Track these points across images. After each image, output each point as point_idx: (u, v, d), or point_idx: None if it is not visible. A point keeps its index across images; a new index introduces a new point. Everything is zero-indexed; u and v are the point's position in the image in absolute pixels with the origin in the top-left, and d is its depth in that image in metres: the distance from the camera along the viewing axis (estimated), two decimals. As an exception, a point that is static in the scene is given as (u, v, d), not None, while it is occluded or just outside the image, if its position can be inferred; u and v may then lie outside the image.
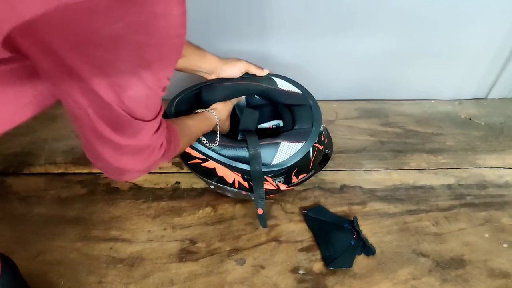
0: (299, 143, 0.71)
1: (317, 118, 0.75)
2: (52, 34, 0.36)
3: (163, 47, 0.42)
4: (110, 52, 0.39)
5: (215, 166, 0.71)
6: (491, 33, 1.05)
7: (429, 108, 1.15)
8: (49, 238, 0.74)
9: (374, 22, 1.01)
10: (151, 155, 0.52)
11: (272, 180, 0.73)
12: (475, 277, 0.70)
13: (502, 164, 0.96)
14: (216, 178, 0.74)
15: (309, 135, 0.72)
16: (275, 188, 0.74)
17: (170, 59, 0.46)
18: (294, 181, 0.76)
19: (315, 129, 0.73)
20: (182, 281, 0.68)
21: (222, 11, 0.97)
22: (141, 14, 0.38)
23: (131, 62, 0.41)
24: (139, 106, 0.46)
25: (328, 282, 0.69)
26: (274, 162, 0.70)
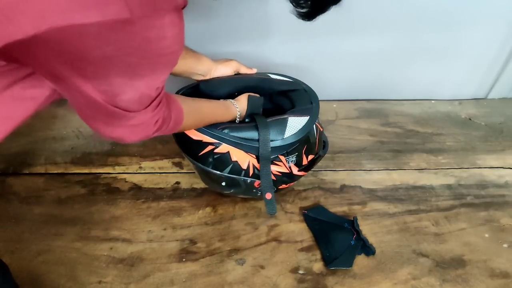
0: (305, 117, 0.73)
1: (314, 98, 0.78)
2: (45, 51, 0.37)
3: (156, 64, 0.43)
4: (102, 69, 0.40)
5: (229, 149, 0.70)
6: (491, 33, 1.05)
7: (429, 108, 1.15)
8: (49, 238, 0.74)
9: (374, 22, 1.01)
10: (144, 130, 0.53)
11: (286, 160, 0.73)
12: (475, 277, 0.70)
13: (502, 164, 0.96)
14: (230, 166, 0.72)
15: (312, 111, 0.74)
16: (288, 171, 0.74)
17: (164, 71, 0.47)
18: (304, 163, 0.76)
19: (315, 106, 0.76)
20: (182, 281, 0.68)
21: (223, 12, 0.97)
22: (133, 40, 0.38)
23: (123, 77, 0.42)
24: (133, 105, 0.47)
25: (328, 282, 0.69)
26: (286, 135, 0.70)
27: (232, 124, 0.72)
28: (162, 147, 0.96)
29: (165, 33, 0.40)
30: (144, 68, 0.43)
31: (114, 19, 0.36)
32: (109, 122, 0.49)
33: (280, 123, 0.71)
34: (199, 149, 0.71)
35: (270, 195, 0.73)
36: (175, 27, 0.42)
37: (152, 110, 0.51)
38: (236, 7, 0.95)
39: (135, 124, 0.51)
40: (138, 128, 0.52)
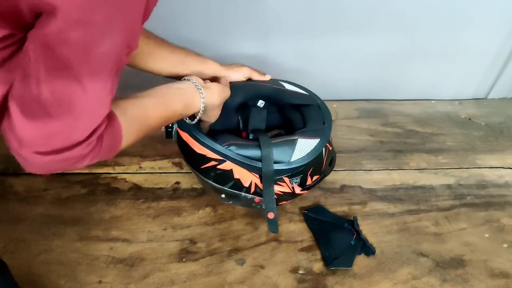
0: (315, 139, 0.70)
1: (328, 117, 0.75)
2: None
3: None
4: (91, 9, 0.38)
5: (233, 167, 0.68)
6: (491, 33, 1.05)
7: (429, 108, 1.15)
8: (49, 238, 0.74)
9: (374, 22, 1.01)
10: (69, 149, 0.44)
11: (289, 181, 0.71)
12: (475, 277, 0.70)
13: (502, 164, 0.96)
14: (231, 182, 0.70)
15: (324, 132, 0.72)
16: (291, 191, 0.72)
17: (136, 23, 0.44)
18: (309, 183, 0.74)
19: (327, 127, 0.73)
20: (182, 281, 0.68)
21: (223, 12, 0.97)
22: None
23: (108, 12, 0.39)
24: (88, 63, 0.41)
25: (328, 282, 0.69)
26: (293, 159, 0.68)
27: (238, 141, 0.69)
28: (162, 147, 0.96)
29: None
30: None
31: None
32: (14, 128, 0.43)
33: (289, 144, 0.68)
34: (202, 162, 0.69)
35: (273, 214, 0.71)
36: None
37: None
38: (236, 7, 0.95)
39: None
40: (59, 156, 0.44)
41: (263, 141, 0.68)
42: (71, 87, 0.41)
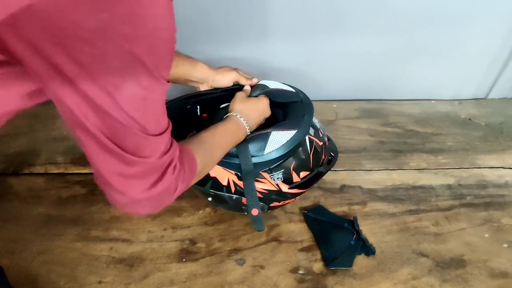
0: (291, 131, 0.68)
1: (309, 110, 0.73)
2: (37, 29, 0.34)
3: (152, 38, 0.40)
4: (97, 47, 0.37)
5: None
6: (491, 33, 1.05)
7: (429, 108, 1.15)
8: (49, 238, 0.74)
9: (374, 22, 1.01)
10: (161, 179, 0.48)
11: (270, 177, 0.69)
12: (475, 277, 0.70)
13: (502, 164, 0.96)
14: (210, 182, 0.70)
15: (301, 124, 0.69)
16: (276, 188, 0.70)
17: (162, 55, 0.43)
18: (296, 180, 0.71)
19: (306, 118, 0.71)
20: (182, 281, 0.68)
21: (222, 13, 0.97)
22: (125, 2, 0.36)
23: (121, 57, 0.39)
24: (137, 110, 0.43)
25: (328, 282, 0.69)
26: (266, 151, 0.66)
27: None
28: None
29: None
30: (141, 45, 0.39)
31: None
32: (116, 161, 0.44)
33: (261, 138, 0.67)
34: None
35: (257, 211, 0.69)
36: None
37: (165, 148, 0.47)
38: (235, 7, 0.95)
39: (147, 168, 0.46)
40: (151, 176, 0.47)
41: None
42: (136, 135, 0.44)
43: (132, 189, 0.47)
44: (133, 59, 0.39)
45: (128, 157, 0.44)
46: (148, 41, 0.40)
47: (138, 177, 0.47)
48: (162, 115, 0.47)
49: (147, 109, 0.44)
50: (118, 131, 0.42)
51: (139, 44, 0.39)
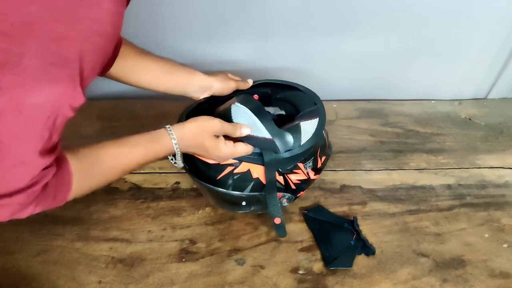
0: (315, 119, 0.69)
1: (316, 98, 0.75)
2: None
3: (85, 43, 0.36)
4: (17, 44, 0.32)
5: (249, 167, 0.66)
6: (491, 33, 1.05)
7: (429, 108, 1.15)
8: (49, 238, 0.74)
9: (374, 22, 1.01)
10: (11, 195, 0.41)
11: (304, 167, 0.70)
12: (475, 277, 0.70)
13: (502, 164, 0.96)
14: (251, 184, 0.68)
15: (319, 111, 0.71)
16: (306, 177, 0.71)
17: (90, 63, 0.38)
18: (319, 165, 0.74)
19: (320, 106, 0.73)
20: (182, 281, 0.68)
21: (223, 12, 0.97)
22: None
23: (42, 59, 0.34)
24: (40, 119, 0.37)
25: (328, 282, 0.69)
26: (303, 141, 0.67)
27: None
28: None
29: (101, 0, 0.35)
30: (70, 47, 0.35)
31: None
32: None
33: (294, 130, 0.68)
34: (217, 173, 0.67)
35: (279, 220, 0.70)
36: (114, 3, 0.36)
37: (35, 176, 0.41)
38: (235, 7, 0.95)
39: None
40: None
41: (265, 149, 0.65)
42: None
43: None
44: (57, 61, 0.35)
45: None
46: (79, 45, 0.36)
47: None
48: (59, 131, 0.41)
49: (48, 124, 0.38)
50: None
51: (68, 46, 0.35)
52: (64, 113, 0.39)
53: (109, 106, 1.07)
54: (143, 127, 0.61)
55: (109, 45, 0.39)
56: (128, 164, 0.56)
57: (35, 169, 0.41)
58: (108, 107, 1.06)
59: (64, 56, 0.35)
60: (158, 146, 0.58)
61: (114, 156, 0.54)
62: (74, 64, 0.36)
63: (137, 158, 0.56)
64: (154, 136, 0.58)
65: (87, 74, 0.38)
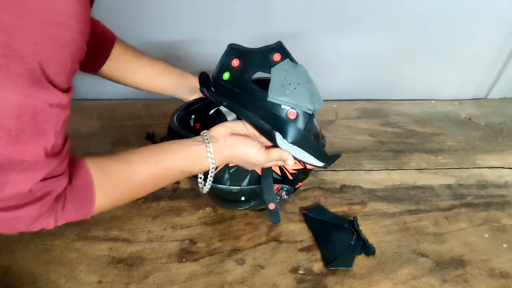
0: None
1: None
2: None
3: (40, 35, 0.34)
4: None
5: None
6: (491, 33, 1.05)
7: (429, 108, 1.15)
8: (49, 238, 0.74)
9: (374, 22, 1.01)
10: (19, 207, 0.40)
11: None
12: (475, 277, 0.70)
13: (502, 164, 0.96)
14: (248, 176, 0.67)
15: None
16: (302, 166, 0.70)
17: (53, 57, 0.36)
18: None
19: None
20: (182, 281, 0.68)
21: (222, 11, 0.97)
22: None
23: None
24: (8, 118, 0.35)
25: (328, 282, 0.69)
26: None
27: None
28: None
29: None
30: (22, 40, 0.32)
31: None
32: None
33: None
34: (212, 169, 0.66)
35: (273, 205, 0.69)
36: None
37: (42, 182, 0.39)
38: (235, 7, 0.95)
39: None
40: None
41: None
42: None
43: None
44: (10, 54, 0.33)
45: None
46: (34, 36, 0.33)
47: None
48: (52, 133, 0.39)
49: (22, 119, 0.36)
50: None
51: (21, 38, 0.33)
52: (43, 109, 0.37)
53: (109, 106, 1.07)
54: (143, 127, 0.61)
55: (76, 37, 0.37)
56: (159, 182, 0.53)
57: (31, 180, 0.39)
58: (108, 107, 1.06)
59: (17, 49, 0.33)
60: (195, 168, 0.56)
61: (145, 174, 0.50)
62: (32, 58, 0.34)
63: (170, 177, 0.54)
64: (192, 157, 0.54)
65: (55, 69, 0.36)
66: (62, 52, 0.36)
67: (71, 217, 0.45)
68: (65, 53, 0.37)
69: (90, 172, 0.46)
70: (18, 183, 0.38)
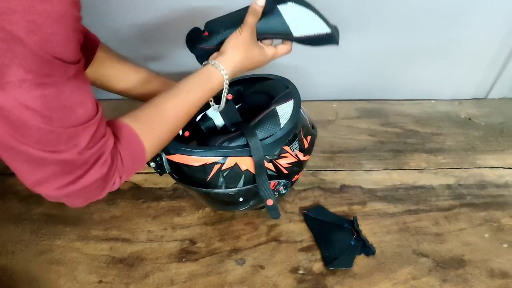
0: (289, 101, 0.70)
1: (288, 82, 0.75)
2: None
3: (30, 13, 0.34)
4: None
5: (236, 160, 0.66)
6: (491, 32, 1.05)
7: (429, 108, 1.15)
8: (49, 238, 0.75)
9: (374, 22, 1.01)
10: (82, 176, 0.44)
11: (290, 149, 0.70)
12: (475, 277, 0.70)
13: (502, 164, 0.96)
14: (242, 176, 0.68)
15: (292, 94, 0.71)
16: (296, 159, 0.71)
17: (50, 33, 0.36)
18: (306, 146, 0.73)
19: (292, 87, 0.73)
20: (182, 281, 0.68)
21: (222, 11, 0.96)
22: None
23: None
24: (33, 99, 0.37)
25: (328, 282, 0.69)
26: (282, 124, 0.67)
27: (225, 136, 0.67)
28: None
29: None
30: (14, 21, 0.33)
31: None
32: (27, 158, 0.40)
33: (272, 115, 0.68)
34: (205, 174, 0.66)
35: (271, 201, 0.70)
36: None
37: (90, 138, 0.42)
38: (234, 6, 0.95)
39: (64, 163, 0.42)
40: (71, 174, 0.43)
41: (247, 132, 0.66)
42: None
43: (46, 188, 0.43)
44: (7, 38, 0.34)
45: (35, 154, 0.40)
46: (25, 16, 0.34)
47: (54, 174, 0.42)
48: (79, 103, 0.41)
49: (46, 98, 0.38)
50: (15, 125, 0.38)
51: (13, 19, 0.33)
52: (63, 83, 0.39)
53: (109, 106, 1.06)
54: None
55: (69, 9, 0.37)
56: (189, 109, 0.57)
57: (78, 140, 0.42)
58: (108, 107, 1.06)
59: (12, 32, 0.34)
60: (211, 84, 0.59)
61: (173, 108, 0.55)
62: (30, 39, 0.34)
63: (195, 101, 0.58)
64: (204, 76, 0.59)
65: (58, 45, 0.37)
66: (61, 27, 0.37)
67: (131, 170, 0.49)
68: (64, 27, 0.37)
69: (130, 125, 0.50)
70: (68, 153, 0.41)
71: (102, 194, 0.48)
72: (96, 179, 0.45)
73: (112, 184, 0.48)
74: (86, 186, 0.44)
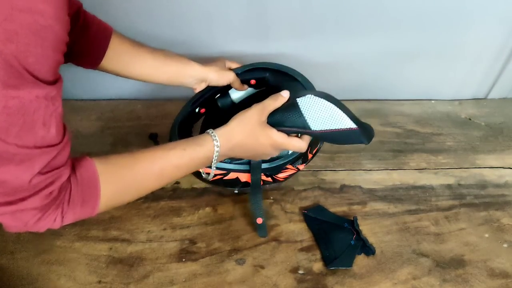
0: None
1: (296, 73, 0.76)
2: None
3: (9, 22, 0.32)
4: None
5: (237, 175, 0.71)
6: (491, 33, 1.05)
7: (429, 108, 1.15)
8: (49, 238, 0.74)
9: (374, 22, 1.01)
10: (17, 201, 0.40)
11: (293, 166, 0.72)
12: (475, 277, 0.70)
13: (502, 164, 0.96)
14: (240, 185, 0.74)
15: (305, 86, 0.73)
16: (295, 170, 0.74)
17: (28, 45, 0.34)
18: (309, 157, 0.75)
19: (302, 79, 0.74)
20: (182, 281, 0.68)
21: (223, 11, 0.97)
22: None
23: None
24: None
25: (328, 282, 0.69)
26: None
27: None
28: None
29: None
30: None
31: None
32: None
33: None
34: (208, 176, 0.70)
35: (261, 220, 0.73)
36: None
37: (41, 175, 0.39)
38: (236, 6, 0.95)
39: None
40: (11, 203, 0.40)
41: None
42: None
43: None
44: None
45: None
46: (4, 24, 0.32)
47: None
48: (41, 124, 0.38)
49: (9, 109, 0.35)
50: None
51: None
52: (31, 101, 0.36)
53: (109, 106, 1.06)
54: (142, 128, 0.61)
55: (53, 24, 0.35)
56: (165, 167, 0.52)
57: (32, 163, 0.39)
58: (108, 107, 1.06)
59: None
60: (197, 148, 0.55)
61: (148, 160, 0.51)
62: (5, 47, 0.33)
63: (173, 162, 0.53)
64: (197, 141, 0.56)
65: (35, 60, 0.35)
66: (39, 41, 0.35)
67: (77, 212, 0.46)
68: (43, 42, 0.35)
69: (94, 163, 0.46)
70: (18, 175, 0.38)
71: (40, 226, 0.44)
72: (35, 207, 0.42)
73: (53, 221, 0.44)
74: (21, 210, 0.41)
